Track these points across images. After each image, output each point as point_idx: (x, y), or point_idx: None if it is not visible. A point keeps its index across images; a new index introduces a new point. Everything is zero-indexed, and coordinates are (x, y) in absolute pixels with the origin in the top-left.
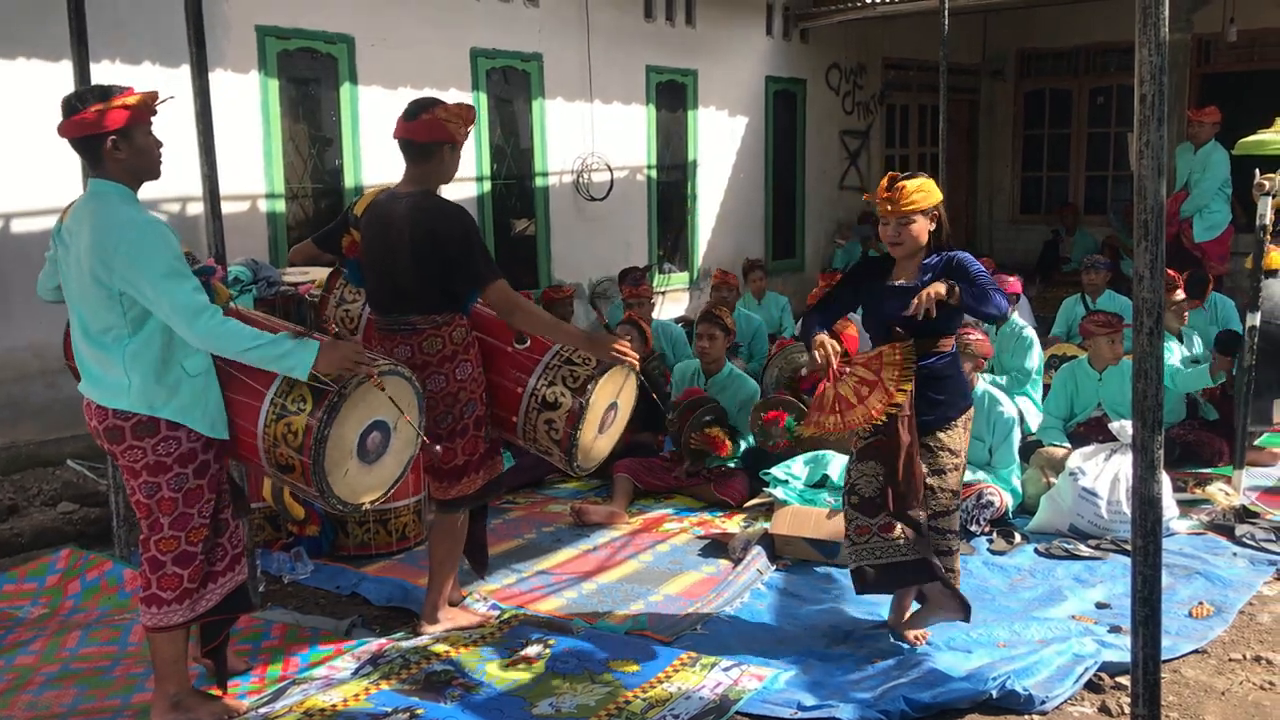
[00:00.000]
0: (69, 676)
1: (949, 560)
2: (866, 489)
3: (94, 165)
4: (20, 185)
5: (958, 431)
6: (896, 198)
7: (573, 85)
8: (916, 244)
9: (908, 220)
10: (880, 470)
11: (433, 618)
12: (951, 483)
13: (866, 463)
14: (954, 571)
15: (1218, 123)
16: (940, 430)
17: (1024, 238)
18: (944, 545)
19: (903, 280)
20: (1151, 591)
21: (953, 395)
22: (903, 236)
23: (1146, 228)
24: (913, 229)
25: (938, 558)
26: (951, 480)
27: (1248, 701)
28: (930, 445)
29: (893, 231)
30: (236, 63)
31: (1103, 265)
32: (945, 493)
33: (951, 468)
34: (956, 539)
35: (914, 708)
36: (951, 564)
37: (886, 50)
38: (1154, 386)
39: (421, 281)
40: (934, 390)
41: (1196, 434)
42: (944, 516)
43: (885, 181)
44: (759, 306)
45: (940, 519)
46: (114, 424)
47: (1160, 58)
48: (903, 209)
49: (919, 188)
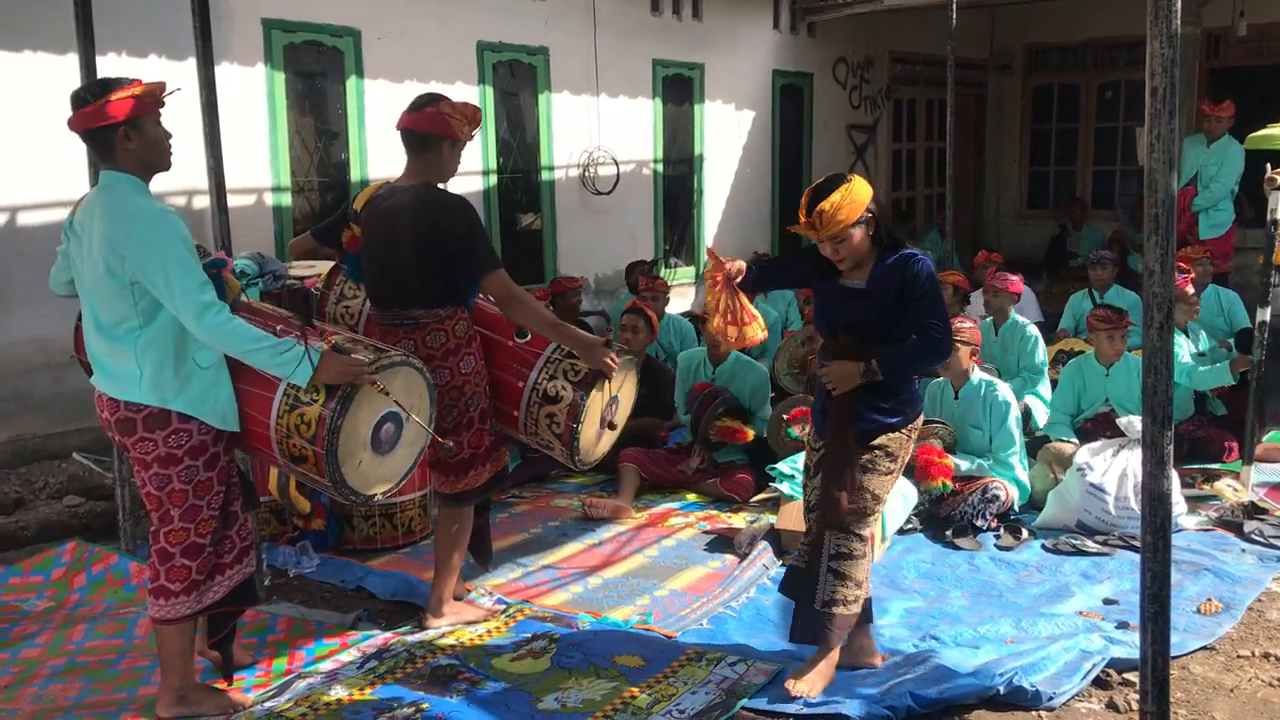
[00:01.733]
0: (75, 670)
1: (847, 566)
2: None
3: (105, 157)
4: (24, 179)
5: (900, 438)
6: (819, 224)
7: (579, 79)
8: (859, 253)
9: (841, 238)
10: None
11: (438, 612)
12: (874, 486)
13: (815, 477)
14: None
15: (1233, 116)
16: (884, 434)
17: (1031, 233)
18: (844, 547)
19: (855, 280)
20: (1161, 588)
21: (898, 404)
22: (842, 252)
23: (1157, 221)
24: (850, 243)
25: (833, 561)
26: (875, 484)
27: (1256, 698)
28: (873, 446)
29: (830, 251)
30: (242, 55)
31: (1109, 261)
32: (863, 493)
33: (884, 471)
34: (861, 544)
35: (920, 704)
36: (850, 570)
37: (894, 44)
38: (1164, 381)
39: (424, 274)
40: (881, 399)
41: (1205, 430)
42: (853, 517)
43: (804, 205)
44: (765, 300)
45: (851, 519)
46: (125, 416)
47: (1172, 51)
48: (831, 233)
49: (839, 204)
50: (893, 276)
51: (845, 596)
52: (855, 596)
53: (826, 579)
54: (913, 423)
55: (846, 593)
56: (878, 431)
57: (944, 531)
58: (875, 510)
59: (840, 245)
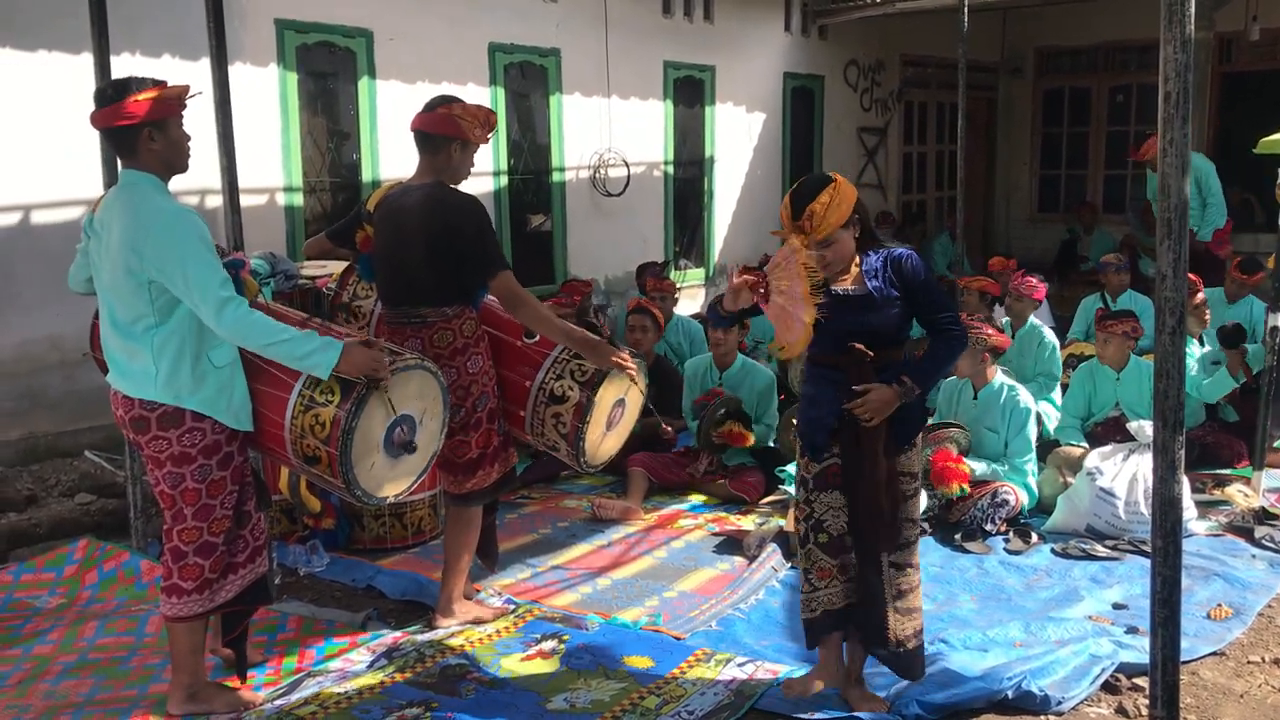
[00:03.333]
0: (86, 666)
1: (910, 600)
2: (835, 525)
3: (128, 156)
4: (38, 179)
5: (916, 452)
6: (810, 226)
7: (590, 80)
8: (847, 258)
9: (829, 241)
10: (845, 501)
11: (448, 611)
12: (912, 510)
13: (831, 493)
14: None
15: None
16: (901, 453)
17: (1041, 236)
18: (905, 584)
19: (849, 286)
20: (1171, 593)
21: (912, 410)
22: (830, 259)
23: (1170, 226)
24: (838, 246)
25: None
26: (912, 508)
27: (1266, 704)
28: (899, 472)
29: (817, 258)
30: (255, 56)
31: (1120, 266)
32: (905, 523)
33: (911, 493)
34: (917, 572)
35: (928, 709)
36: (914, 603)
37: (905, 47)
38: (1175, 386)
39: (434, 272)
40: (896, 417)
41: (1215, 435)
42: (905, 550)
43: (789, 207)
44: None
45: (900, 553)
46: (140, 414)
47: (1185, 55)
48: (821, 235)
49: (829, 204)
50: (888, 277)
51: (917, 628)
52: (920, 623)
53: (895, 621)
54: (921, 431)
55: (917, 624)
56: (898, 449)
57: (953, 535)
58: (918, 535)
59: (828, 250)
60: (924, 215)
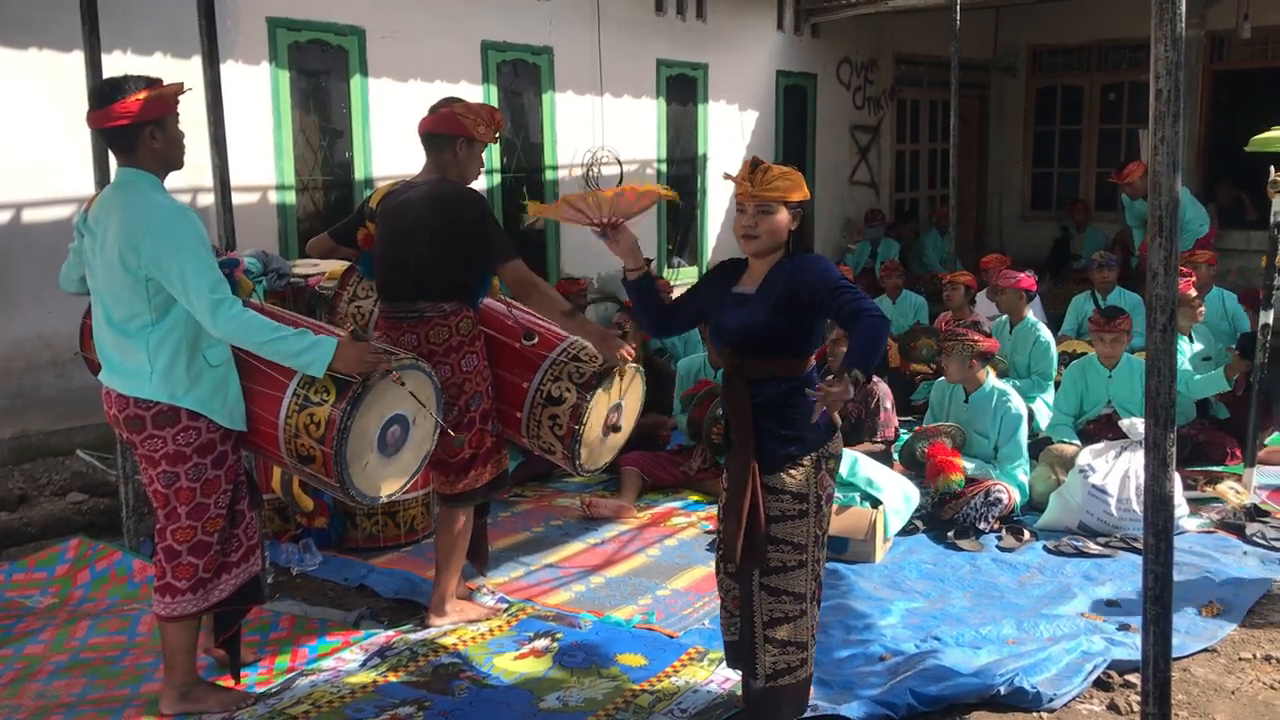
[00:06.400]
0: (78, 666)
1: (785, 630)
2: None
3: (126, 154)
4: (30, 176)
5: (804, 471)
6: (759, 179)
7: (583, 79)
8: (775, 241)
9: (769, 209)
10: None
11: (440, 610)
12: (793, 534)
13: (729, 523)
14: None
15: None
16: (782, 470)
17: (1034, 234)
18: (779, 611)
19: (745, 286)
20: (1163, 590)
21: (798, 430)
22: (760, 229)
23: (1161, 223)
24: (774, 220)
25: (768, 628)
26: (793, 531)
27: (1258, 700)
28: (770, 486)
29: (749, 220)
30: (247, 54)
31: (1113, 262)
32: (784, 546)
33: (794, 514)
34: (798, 603)
35: (921, 701)
36: (791, 635)
37: (897, 45)
38: (1167, 384)
39: (434, 266)
40: (773, 422)
41: (1207, 433)
42: (779, 574)
43: (748, 165)
44: None
45: (774, 576)
46: (135, 413)
47: (1176, 53)
48: (765, 194)
49: (786, 174)
50: (787, 278)
51: (790, 664)
52: (802, 660)
53: (765, 650)
54: (816, 450)
55: (791, 659)
56: (776, 465)
57: (946, 533)
58: (798, 561)
59: (763, 218)
60: (917, 213)
